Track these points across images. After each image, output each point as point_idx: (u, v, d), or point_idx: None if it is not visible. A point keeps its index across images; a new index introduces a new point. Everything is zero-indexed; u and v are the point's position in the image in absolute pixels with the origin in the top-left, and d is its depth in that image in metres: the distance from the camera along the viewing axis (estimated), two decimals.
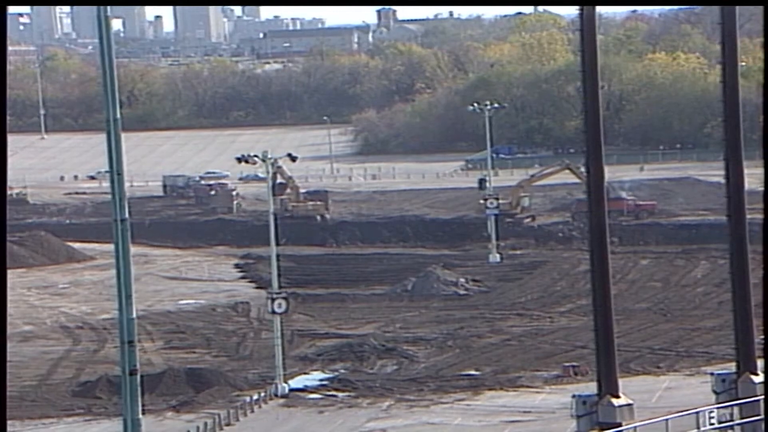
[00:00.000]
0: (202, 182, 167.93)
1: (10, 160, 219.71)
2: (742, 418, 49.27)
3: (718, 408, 50.06)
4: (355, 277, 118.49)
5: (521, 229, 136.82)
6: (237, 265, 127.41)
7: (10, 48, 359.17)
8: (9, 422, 77.44)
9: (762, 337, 74.30)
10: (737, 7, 55.48)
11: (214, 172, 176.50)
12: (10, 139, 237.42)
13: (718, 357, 76.57)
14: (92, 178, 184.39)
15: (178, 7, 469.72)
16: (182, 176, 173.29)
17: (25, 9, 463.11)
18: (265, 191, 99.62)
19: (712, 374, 56.10)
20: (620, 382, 51.12)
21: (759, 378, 51.93)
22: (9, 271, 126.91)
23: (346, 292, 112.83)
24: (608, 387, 50.44)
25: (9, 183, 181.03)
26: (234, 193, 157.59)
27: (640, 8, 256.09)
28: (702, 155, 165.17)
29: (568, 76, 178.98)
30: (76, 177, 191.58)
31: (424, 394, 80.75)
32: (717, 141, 76.56)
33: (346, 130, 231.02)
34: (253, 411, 78.30)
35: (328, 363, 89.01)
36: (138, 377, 46.14)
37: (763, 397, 45.58)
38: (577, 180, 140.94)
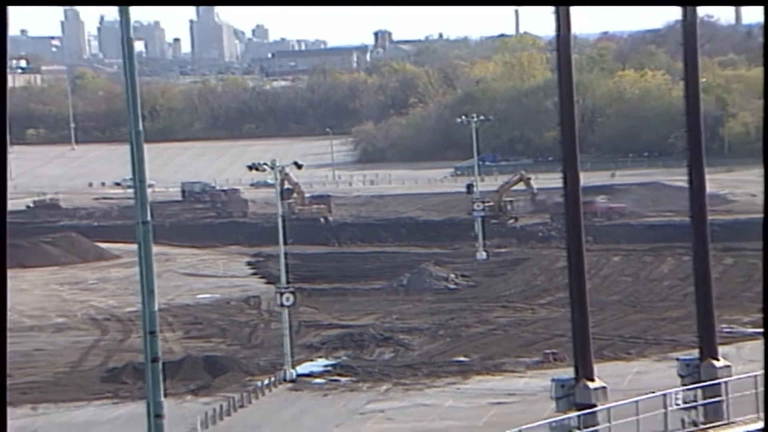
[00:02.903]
0: (217, 188, 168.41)
1: (43, 169, 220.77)
2: (704, 399, 49.26)
3: (683, 390, 50.02)
4: (356, 273, 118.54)
5: (505, 230, 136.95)
6: (249, 263, 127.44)
7: (44, 68, 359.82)
8: (44, 405, 77.75)
9: (725, 326, 74.50)
10: (698, 29, 55.44)
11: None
12: (44, 150, 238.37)
13: (683, 344, 76.53)
14: (117, 184, 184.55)
15: (194, 30, 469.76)
16: (199, 183, 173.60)
17: (57, 32, 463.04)
18: (273, 196, 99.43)
19: (677, 360, 56.01)
20: (595, 367, 51.05)
21: (719, 363, 51.89)
22: (43, 269, 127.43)
23: (347, 286, 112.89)
24: (584, 372, 50.41)
25: (43, 189, 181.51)
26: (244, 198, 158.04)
27: (610, 30, 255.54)
28: (667, 162, 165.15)
29: (547, 91, 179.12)
30: (103, 184, 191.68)
31: (419, 378, 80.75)
32: (681, 149, 76.67)
33: (346, 140, 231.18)
34: (264, 394, 78.32)
35: (332, 351, 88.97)
36: (160, 364, 46.13)
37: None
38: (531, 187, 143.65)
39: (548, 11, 50.24)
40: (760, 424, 47.76)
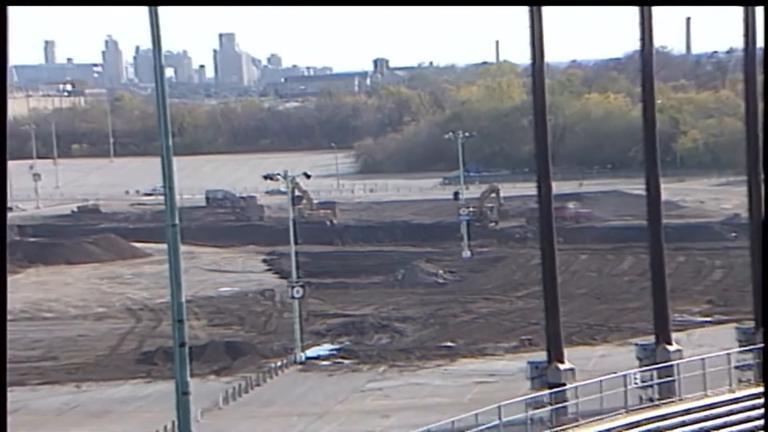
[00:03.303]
0: (237, 195, 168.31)
1: (86, 179, 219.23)
2: (659, 379, 49.27)
3: (641, 371, 50.04)
4: (357, 269, 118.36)
5: (487, 230, 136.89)
6: (264, 260, 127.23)
7: (87, 91, 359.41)
8: (86, 383, 77.64)
9: (677, 315, 74.50)
10: (654, 56, 55.41)
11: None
12: (87, 162, 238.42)
13: (641, 331, 76.31)
14: (150, 193, 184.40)
15: (217, 58, 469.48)
16: (221, 191, 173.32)
17: (98, 60, 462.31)
18: (286, 202, 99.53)
19: (636, 344, 56.08)
20: (565, 351, 51.11)
21: (672, 347, 51.90)
22: (86, 266, 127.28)
23: (349, 281, 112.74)
24: (555, 355, 50.44)
25: (85, 197, 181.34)
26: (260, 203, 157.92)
27: (578, 58, 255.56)
28: (627, 173, 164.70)
29: (523, 111, 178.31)
30: (138, 191, 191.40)
31: (412, 361, 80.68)
32: (639, 162, 76.99)
33: (349, 154, 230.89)
34: (277, 375, 78.25)
35: (336, 337, 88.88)
36: (187, 348, 45.97)
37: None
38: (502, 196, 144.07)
39: (525, 42, 50.19)
40: (707, 401, 47.79)
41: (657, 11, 52.17)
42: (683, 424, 45.79)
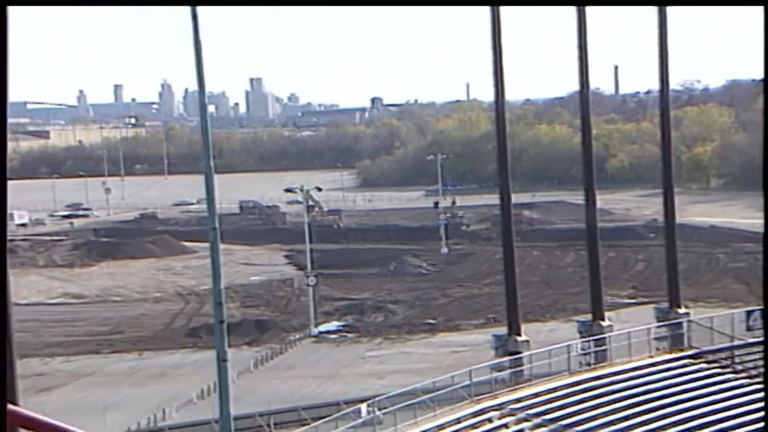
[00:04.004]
0: (263, 205, 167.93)
1: (146, 192, 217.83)
2: (595, 348, 49.23)
3: (581, 342, 50.03)
4: (358, 262, 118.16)
5: (461, 232, 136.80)
6: (285, 256, 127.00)
7: (147, 123, 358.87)
8: (146, 352, 77.52)
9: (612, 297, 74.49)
10: (590, 95, 55.42)
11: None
12: (147, 179, 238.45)
13: (581, 311, 76.22)
14: (198, 202, 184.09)
15: (249, 98, 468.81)
16: (251, 201, 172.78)
17: (156, 99, 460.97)
18: (302, 209, 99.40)
19: (577, 321, 56.07)
20: (522, 326, 51.07)
21: (605, 323, 51.80)
22: (146, 260, 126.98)
23: (352, 271, 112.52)
24: (514, 329, 50.35)
25: (146, 206, 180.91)
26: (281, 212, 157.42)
27: (531, 97, 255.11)
28: (570, 187, 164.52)
29: (488, 138, 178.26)
30: (186, 202, 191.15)
31: (401, 334, 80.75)
32: (579, 178, 77.32)
33: (351, 172, 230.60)
34: (295, 346, 78.26)
35: (342, 315, 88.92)
36: (225, 325, 45.72)
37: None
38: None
39: (490, 85, 50.15)
40: (632, 365, 47.69)
41: (592, 59, 52.06)
42: (613, 383, 45.81)
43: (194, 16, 43.21)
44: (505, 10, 49.02)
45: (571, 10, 51.41)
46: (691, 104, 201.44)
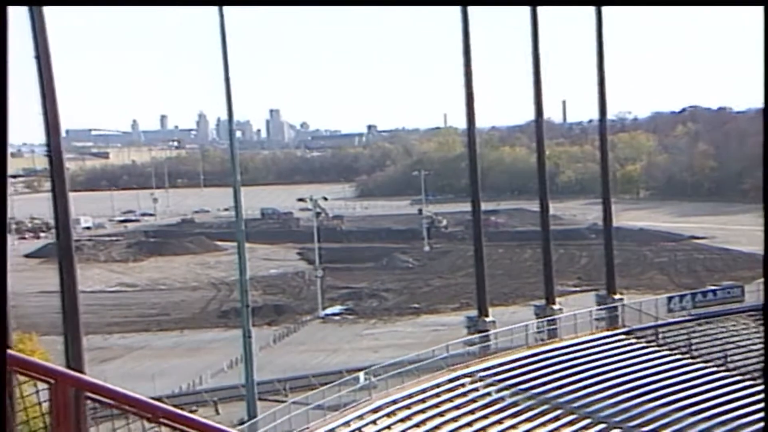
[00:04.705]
0: (280, 211, 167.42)
1: (186, 201, 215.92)
2: (547, 326, 49.22)
3: (537, 321, 50.04)
4: (357, 258, 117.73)
5: (440, 233, 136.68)
6: (298, 253, 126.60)
7: (186, 146, 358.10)
8: (186, 330, 77.28)
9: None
10: (543, 123, 55.56)
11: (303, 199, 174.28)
12: (186, 191, 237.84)
13: (536, 297, 76.24)
14: (226, 209, 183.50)
15: (269, 125, 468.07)
16: (271, 208, 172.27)
17: (194, 126, 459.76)
18: (311, 215, 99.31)
19: (534, 305, 56.09)
20: (489, 309, 51.07)
21: (556, 306, 51.79)
22: (185, 256, 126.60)
23: (352, 266, 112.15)
24: (483, 312, 50.37)
25: (185, 213, 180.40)
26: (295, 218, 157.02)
27: (496, 125, 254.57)
28: (528, 197, 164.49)
29: (462, 158, 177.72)
30: (218, 209, 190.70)
31: (392, 316, 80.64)
32: (535, 190, 77.01)
33: (352, 185, 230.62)
34: (306, 325, 78.11)
35: (343, 301, 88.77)
36: (249, 308, 45.59)
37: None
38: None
39: (463, 114, 50.09)
40: (577, 340, 47.65)
41: (545, 94, 52.03)
42: (562, 354, 45.78)
43: (225, 62, 42.92)
44: (476, 54, 49.05)
45: (529, 54, 51.36)
46: (623, 131, 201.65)
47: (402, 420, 37.66)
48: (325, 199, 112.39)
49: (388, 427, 37.11)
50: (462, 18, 48.01)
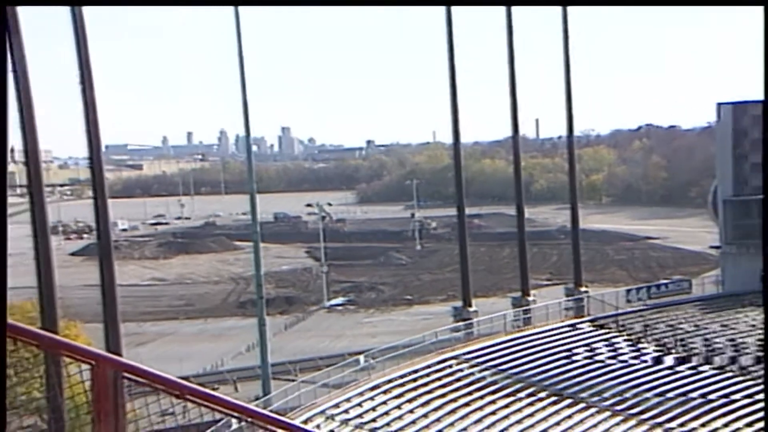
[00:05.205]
0: (290, 215, 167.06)
1: (209, 207, 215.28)
2: (523, 315, 49.05)
3: (513, 311, 49.93)
4: (357, 256, 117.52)
5: (429, 234, 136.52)
6: (306, 251, 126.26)
7: (210, 158, 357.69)
8: (209, 319, 77.12)
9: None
10: (519, 139, 55.62)
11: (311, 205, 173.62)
12: (209, 198, 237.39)
13: (514, 289, 75.98)
14: (243, 213, 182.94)
15: (281, 140, 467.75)
16: (282, 212, 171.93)
17: (215, 141, 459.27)
18: (318, 219, 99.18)
19: (511, 297, 55.97)
20: (472, 300, 50.97)
21: (530, 297, 51.56)
22: (208, 255, 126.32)
23: (353, 262, 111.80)
24: (467, 303, 50.29)
25: (209, 216, 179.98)
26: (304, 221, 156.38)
27: (479, 140, 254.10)
28: (507, 203, 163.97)
29: (449, 169, 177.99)
30: (237, 213, 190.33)
31: (388, 307, 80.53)
32: (512, 197, 76.87)
33: (353, 192, 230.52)
34: (313, 315, 77.95)
35: (346, 293, 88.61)
36: (264, 300, 45.42)
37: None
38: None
39: (449, 131, 50.09)
40: (548, 327, 47.55)
41: (521, 113, 52.01)
42: (536, 339, 45.76)
43: (243, 88, 42.84)
44: (461, 77, 49.00)
45: (507, 77, 51.34)
46: (588, 146, 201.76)
47: (397, 396, 37.74)
48: (330, 204, 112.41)
49: (385, 402, 37.16)
50: (447, 46, 48.01)
